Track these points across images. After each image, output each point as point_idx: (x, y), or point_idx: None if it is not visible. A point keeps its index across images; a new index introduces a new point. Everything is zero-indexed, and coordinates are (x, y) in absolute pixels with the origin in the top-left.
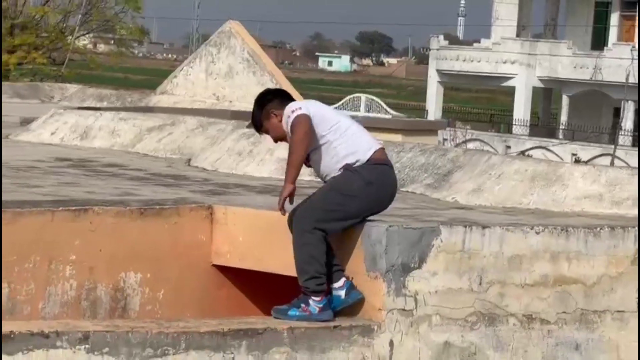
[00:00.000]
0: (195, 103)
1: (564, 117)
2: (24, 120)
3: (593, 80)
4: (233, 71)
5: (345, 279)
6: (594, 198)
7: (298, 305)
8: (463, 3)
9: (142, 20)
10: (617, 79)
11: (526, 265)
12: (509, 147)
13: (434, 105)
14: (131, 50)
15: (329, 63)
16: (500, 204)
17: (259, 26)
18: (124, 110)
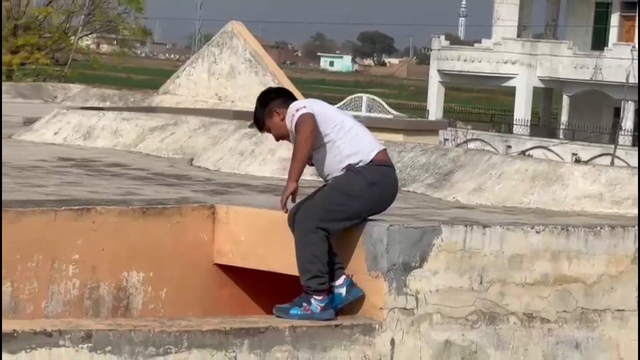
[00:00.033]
0: (197, 103)
1: (564, 117)
2: (27, 120)
3: (593, 80)
4: (235, 71)
5: (345, 277)
6: (594, 198)
7: (300, 304)
8: (464, 3)
9: (145, 20)
10: (617, 79)
11: (527, 264)
12: (509, 147)
13: (435, 105)
14: (134, 50)
15: (331, 63)
16: (500, 203)
17: (261, 26)
18: (126, 110)
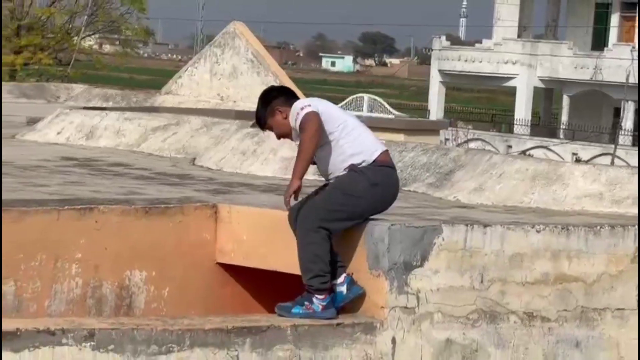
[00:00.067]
0: (199, 103)
1: (564, 117)
2: (31, 120)
3: (593, 80)
4: (237, 71)
5: (345, 275)
6: (594, 197)
7: (302, 303)
8: (465, 4)
9: (147, 21)
10: (617, 79)
11: (527, 264)
12: (510, 147)
13: (436, 105)
14: (136, 50)
15: (332, 63)
16: (501, 202)
17: (262, 27)
18: (129, 110)
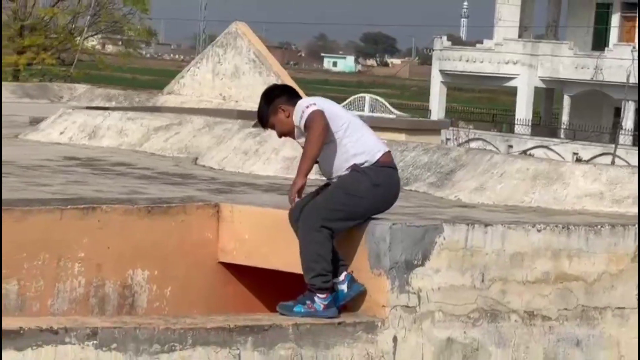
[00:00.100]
0: (202, 103)
1: (565, 117)
2: (34, 120)
3: (594, 80)
4: (239, 71)
5: (346, 273)
6: (595, 196)
7: (303, 302)
8: (466, 4)
9: (150, 21)
10: (618, 79)
11: (528, 263)
12: (511, 147)
13: (437, 105)
14: (139, 51)
15: (334, 64)
16: (502, 202)
17: (264, 27)
18: (131, 110)
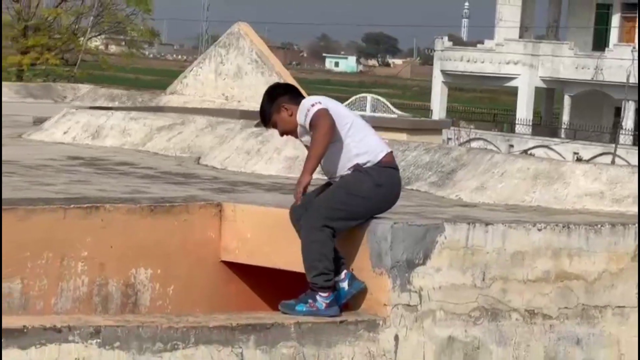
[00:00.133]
0: (204, 103)
1: (565, 117)
2: (37, 120)
3: (594, 80)
4: (242, 72)
5: (346, 271)
6: (595, 196)
7: (305, 301)
8: (467, 5)
9: (153, 21)
10: (618, 79)
11: (528, 262)
12: (512, 146)
13: (438, 105)
14: (142, 51)
15: (336, 64)
16: (503, 201)
17: (267, 28)
18: (134, 109)
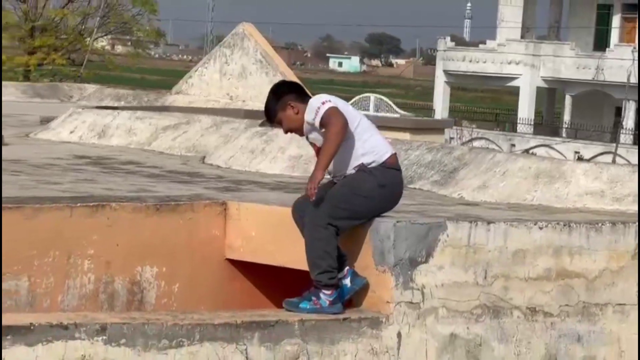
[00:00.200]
0: (209, 102)
1: (567, 117)
2: (44, 119)
3: (595, 80)
4: (246, 72)
5: (348, 268)
6: (596, 194)
7: (309, 298)
8: (469, 5)
9: (158, 22)
10: (619, 79)
11: (530, 260)
12: (513, 146)
13: (440, 105)
14: (148, 51)
15: (339, 64)
16: (504, 200)
17: (271, 28)
18: (140, 109)
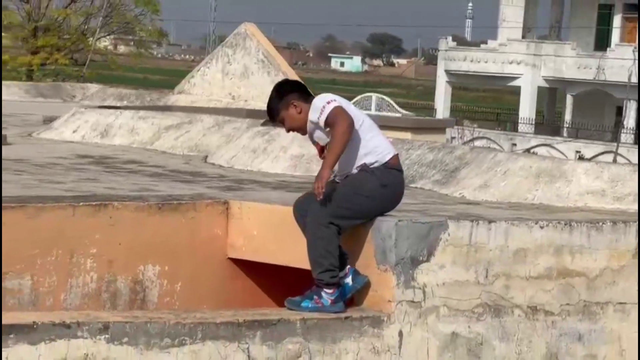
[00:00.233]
0: (211, 102)
1: (568, 116)
2: (47, 119)
3: (596, 80)
4: (248, 71)
5: (349, 267)
6: (597, 194)
7: (311, 297)
8: (470, 5)
9: (161, 22)
10: (620, 78)
11: (531, 259)
12: (514, 145)
13: (442, 105)
14: (150, 51)
15: (341, 64)
16: (505, 199)
17: (273, 28)
18: (143, 109)
